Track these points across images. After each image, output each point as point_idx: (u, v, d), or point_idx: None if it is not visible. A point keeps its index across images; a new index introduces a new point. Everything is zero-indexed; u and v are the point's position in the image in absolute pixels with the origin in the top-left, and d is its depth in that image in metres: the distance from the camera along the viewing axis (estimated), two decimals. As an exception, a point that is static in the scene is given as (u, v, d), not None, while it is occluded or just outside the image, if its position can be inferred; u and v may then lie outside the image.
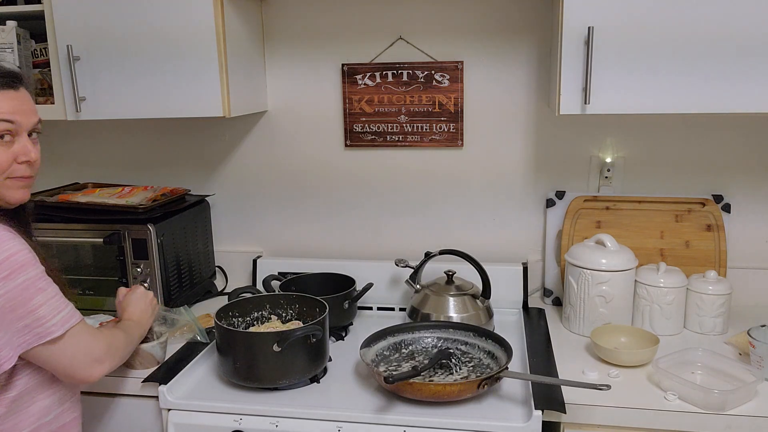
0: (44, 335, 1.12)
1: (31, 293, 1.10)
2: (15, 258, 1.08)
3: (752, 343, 1.44)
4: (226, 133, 2.06)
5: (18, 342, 1.10)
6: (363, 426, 1.35)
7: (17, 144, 1.17)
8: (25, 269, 1.10)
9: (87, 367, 1.20)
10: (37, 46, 1.85)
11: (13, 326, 1.09)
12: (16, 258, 1.08)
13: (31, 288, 1.10)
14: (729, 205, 1.82)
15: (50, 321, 1.13)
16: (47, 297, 1.13)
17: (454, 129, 1.91)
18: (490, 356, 1.52)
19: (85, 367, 1.20)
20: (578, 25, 1.45)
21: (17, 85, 1.17)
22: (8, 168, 1.16)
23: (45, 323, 1.12)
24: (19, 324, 1.09)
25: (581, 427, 1.36)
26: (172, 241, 1.84)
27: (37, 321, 1.11)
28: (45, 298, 1.12)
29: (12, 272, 1.07)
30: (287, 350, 1.40)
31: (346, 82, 1.94)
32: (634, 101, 1.48)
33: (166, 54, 1.65)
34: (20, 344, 1.11)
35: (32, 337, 1.11)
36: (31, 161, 1.19)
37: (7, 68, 1.17)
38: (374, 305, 1.93)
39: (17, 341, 1.10)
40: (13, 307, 1.08)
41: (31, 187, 1.23)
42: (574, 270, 1.69)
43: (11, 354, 1.10)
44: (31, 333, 1.11)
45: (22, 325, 1.10)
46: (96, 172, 2.18)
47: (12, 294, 1.08)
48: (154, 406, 1.49)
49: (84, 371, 1.20)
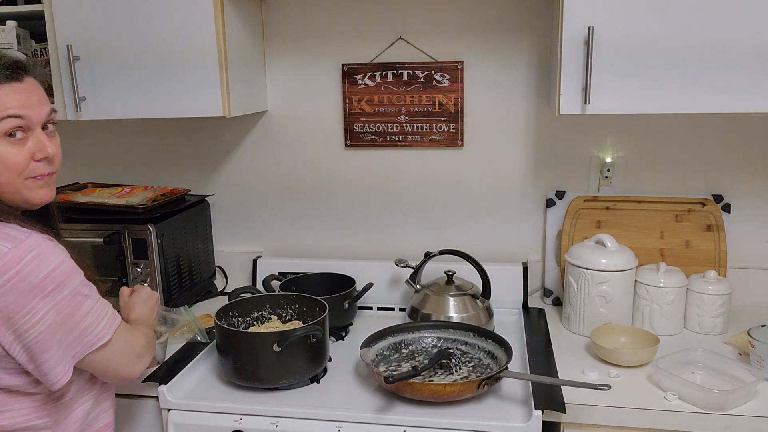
0: (95, 342, 1.09)
1: (78, 302, 1.06)
2: (60, 269, 1.04)
3: (752, 343, 1.44)
4: (226, 133, 2.06)
5: (71, 354, 1.07)
6: (363, 426, 1.35)
7: (31, 140, 1.08)
8: (71, 279, 1.05)
9: (132, 364, 1.18)
10: (37, 46, 1.85)
11: (66, 340, 1.06)
12: (61, 269, 1.04)
13: (78, 297, 1.06)
14: (729, 205, 1.82)
15: (98, 327, 1.10)
16: (92, 303, 1.09)
17: (454, 129, 1.91)
18: (490, 356, 1.52)
19: (130, 364, 1.17)
20: (578, 25, 1.45)
21: (22, 76, 1.07)
22: (26, 168, 1.07)
23: (93, 330, 1.09)
24: (70, 337, 1.06)
25: (581, 427, 1.36)
26: (172, 241, 1.84)
27: (86, 330, 1.08)
28: (90, 305, 1.09)
29: (59, 285, 1.03)
30: (287, 350, 1.40)
31: (346, 82, 1.94)
32: (634, 101, 1.47)
33: (166, 54, 1.65)
34: (73, 356, 1.08)
35: (83, 347, 1.08)
36: (49, 157, 1.10)
37: (11, 56, 1.07)
38: (374, 305, 1.93)
39: (70, 353, 1.07)
40: (63, 321, 1.04)
41: (54, 183, 1.16)
42: (574, 270, 1.69)
43: (67, 368, 1.07)
44: (81, 343, 1.08)
45: (72, 338, 1.07)
46: (96, 172, 2.18)
47: (60, 307, 1.04)
48: (154, 406, 1.49)
49: (129, 368, 1.18)
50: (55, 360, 1.05)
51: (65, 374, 1.07)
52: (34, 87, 1.10)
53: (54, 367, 1.05)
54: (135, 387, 1.49)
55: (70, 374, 1.08)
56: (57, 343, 1.05)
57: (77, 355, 1.08)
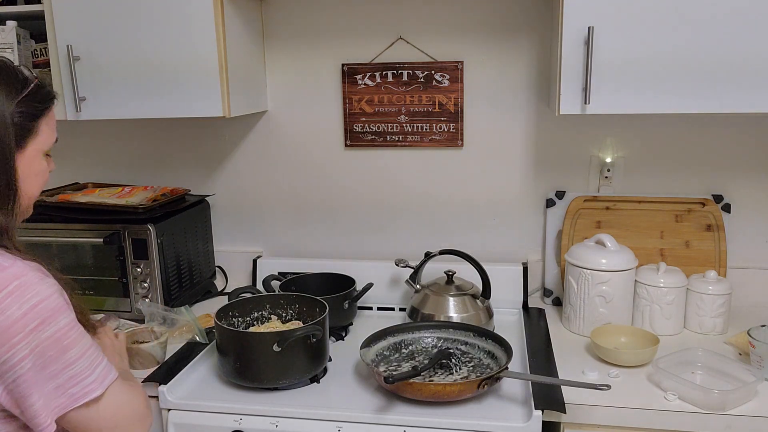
0: (82, 396, 0.96)
1: (65, 346, 0.94)
2: (45, 304, 0.92)
3: (752, 343, 1.44)
4: (226, 133, 2.06)
5: (54, 405, 0.94)
6: (363, 426, 1.35)
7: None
8: (56, 317, 0.93)
9: (132, 427, 1.04)
10: (37, 46, 1.85)
11: (47, 387, 0.93)
12: (45, 304, 0.92)
13: (64, 339, 0.94)
14: (729, 205, 1.82)
15: (88, 378, 0.96)
16: (82, 349, 0.96)
17: (454, 129, 1.91)
18: (490, 356, 1.52)
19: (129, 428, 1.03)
20: (578, 25, 1.45)
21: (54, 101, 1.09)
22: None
23: (82, 380, 0.96)
24: (51, 384, 0.93)
25: (581, 427, 1.36)
26: (172, 241, 1.84)
27: (72, 379, 0.95)
28: (80, 351, 0.96)
29: (42, 322, 0.91)
30: (287, 350, 1.40)
31: (346, 82, 1.94)
32: (634, 101, 1.47)
33: (166, 54, 1.65)
34: (56, 407, 0.94)
35: (68, 399, 0.95)
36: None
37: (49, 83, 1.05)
38: (374, 305, 1.93)
39: (53, 404, 0.94)
40: (44, 364, 0.92)
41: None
42: (574, 270, 1.69)
43: (48, 421, 0.93)
44: (66, 394, 0.95)
45: (55, 386, 0.94)
46: (96, 172, 2.18)
47: (42, 348, 0.91)
48: (154, 406, 1.48)
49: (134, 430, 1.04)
50: (36, 408, 0.93)
51: (47, 427, 0.94)
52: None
53: (35, 416, 0.93)
54: (135, 387, 1.49)
55: (53, 428, 0.94)
56: (38, 391, 0.92)
57: (60, 408, 0.95)
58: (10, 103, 0.96)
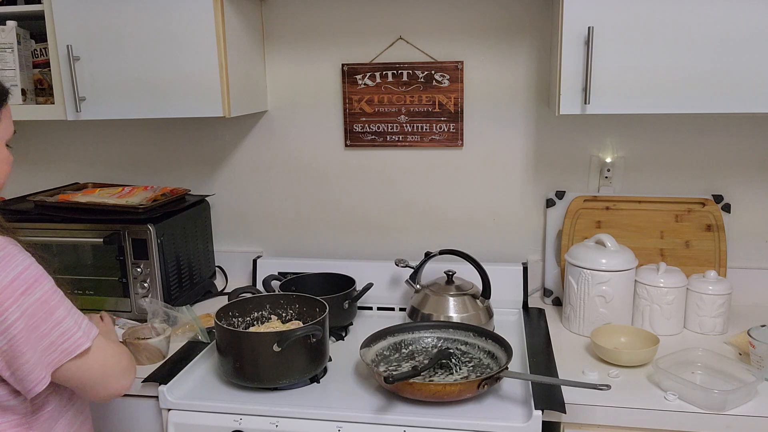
0: (73, 350, 1.06)
1: (51, 307, 1.04)
2: (28, 272, 1.03)
3: (752, 343, 1.44)
4: (226, 133, 2.06)
5: (47, 361, 1.04)
6: (363, 426, 1.35)
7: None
8: (41, 282, 1.04)
9: (119, 377, 1.15)
10: (37, 46, 1.85)
11: (40, 345, 1.03)
12: (30, 271, 1.03)
13: (50, 301, 1.04)
14: (729, 205, 1.82)
15: (75, 334, 1.07)
16: (67, 309, 1.07)
17: (454, 129, 1.91)
18: (490, 356, 1.52)
19: (116, 377, 1.15)
20: (578, 24, 1.45)
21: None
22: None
23: (71, 337, 1.06)
24: (45, 342, 1.03)
25: (581, 427, 1.36)
26: (172, 241, 1.84)
27: (62, 336, 1.05)
28: (65, 311, 1.07)
29: (28, 287, 1.02)
30: (287, 350, 1.40)
31: (346, 82, 1.94)
32: (634, 101, 1.48)
33: (166, 54, 1.65)
34: (50, 363, 1.04)
35: (61, 354, 1.05)
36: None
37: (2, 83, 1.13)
38: (374, 305, 1.93)
39: (46, 360, 1.04)
40: (36, 325, 1.02)
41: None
42: (574, 270, 1.69)
43: (43, 375, 1.04)
44: (58, 350, 1.05)
45: (48, 343, 1.04)
46: (96, 172, 2.18)
47: (32, 310, 1.02)
48: (154, 406, 1.49)
49: (116, 382, 1.15)
50: (30, 365, 1.02)
51: (41, 381, 1.04)
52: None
53: (29, 373, 1.03)
54: (135, 387, 1.49)
55: (47, 381, 1.05)
56: (31, 348, 1.02)
57: (54, 362, 1.05)
58: None
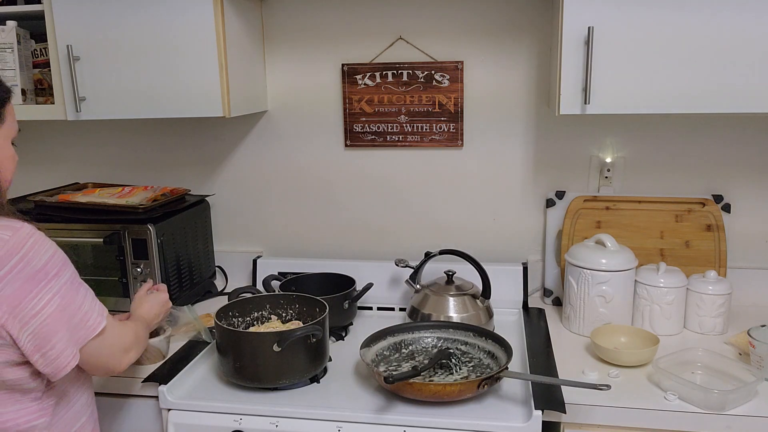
0: (95, 327, 1.13)
1: (76, 288, 1.12)
2: (57, 255, 1.09)
3: (752, 343, 1.44)
4: (226, 133, 2.06)
5: (75, 338, 1.11)
6: (363, 426, 1.35)
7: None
8: (67, 265, 1.11)
9: (119, 356, 1.21)
10: (37, 46, 1.85)
11: (71, 324, 1.10)
12: (57, 255, 1.09)
13: (75, 283, 1.12)
14: (729, 205, 1.82)
15: (94, 314, 1.14)
16: (86, 289, 1.15)
17: (454, 129, 1.91)
18: (490, 356, 1.52)
19: (117, 356, 1.21)
20: (578, 25, 1.45)
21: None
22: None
23: (92, 316, 1.13)
24: (74, 320, 1.10)
25: (581, 427, 1.36)
26: (172, 241, 1.84)
27: (86, 315, 1.12)
28: (85, 292, 1.14)
29: (59, 270, 1.08)
30: (287, 350, 1.40)
31: (346, 82, 1.94)
32: (634, 101, 1.48)
33: (166, 54, 1.65)
34: (77, 340, 1.11)
35: (86, 331, 1.12)
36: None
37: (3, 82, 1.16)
38: (374, 305, 1.93)
39: (75, 338, 1.11)
40: (66, 305, 1.09)
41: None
42: (574, 270, 1.69)
43: (74, 352, 1.10)
44: (83, 328, 1.12)
45: (77, 321, 1.11)
46: (96, 172, 2.18)
47: (63, 291, 1.08)
48: (154, 406, 1.49)
49: (116, 361, 1.21)
50: (63, 344, 1.08)
51: (73, 358, 1.10)
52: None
53: (62, 352, 1.08)
54: (135, 387, 1.49)
55: (77, 359, 1.11)
56: (64, 327, 1.08)
57: (80, 340, 1.11)
58: None
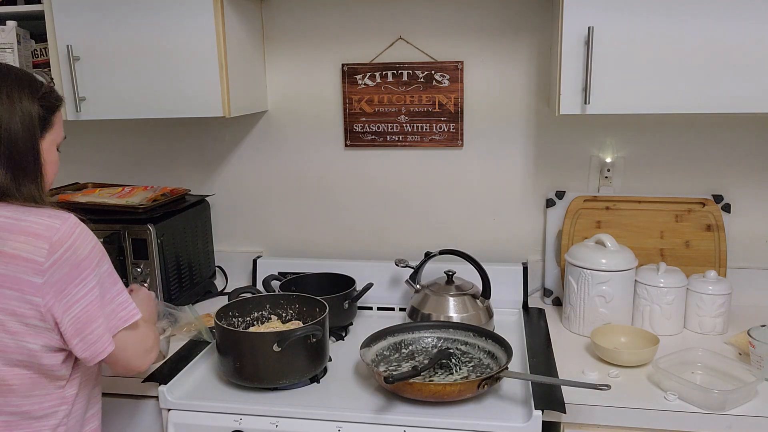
0: (129, 318, 1.16)
1: (114, 278, 1.15)
2: (98, 245, 1.13)
3: (752, 343, 1.44)
4: (226, 133, 2.06)
5: (109, 326, 1.13)
6: (363, 426, 1.35)
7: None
8: (105, 257, 1.15)
9: (143, 355, 1.23)
10: (37, 46, 1.85)
11: (106, 310, 1.13)
12: (99, 245, 1.13)
13: (113, 274, 1.16)
14: (729, 205, 1.82)
15: (130, 305, 1.17)
16: (121, 284, 1.18)
17: (454, 129, 1.91)
18: (490, 356, 1.52)
19: (141, 355, 1.22)
20: (578, 25, 1.45)
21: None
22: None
23: (127, 307, 1.16)
24: (108, 308, 1.13)
25: (581, 427, 1.36)
26: (172, 241, 1.84)
27: (121, 305, 1.15)
28: (122, 285, 1.17)
29: (101, 259, 1.13)
30: (287, 350, 1.40)
31: (346, 82, 1.94)
32: (634, 101, 1.48)
33: (166, 54, 1.65)
34: (111, 328, 1.13)
35: (119, 321, 1.15)
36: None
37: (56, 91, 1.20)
38: (374, 305, 1.93)
39: (109, 325, 1.13)
40: (105, 293, 1.12)
41: None
42: (574, 270, 1.69)
43: (110, 339, 1.13)
44: (117, 317, 1.15)
45: (110, 309, 1.14)
46: (96, 172, 2.18)
47: (104, 279, 1.12)
48: (154, 406, 1.49)
49: (140, 359, 1.22)
50: (101, 329, 1.12)
51: (110, 344, 1.13)
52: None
53: (100, 337, 1.12)
54: (135, 387, 1.49)
55: (113, 345, 1.13)
56: (102, 314, 1.12)
57: (113, 328, 1.14)
58: (34, 99, 1.13)
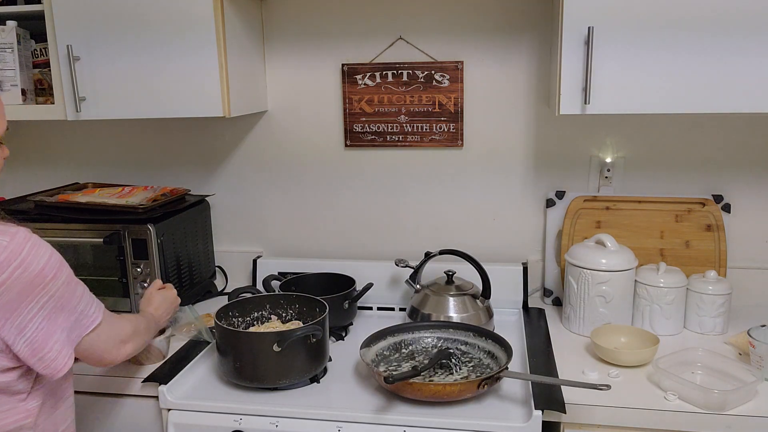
0: (89, 324, 1.16)
1: (73, 288, 1.12)
2: (54, 258, 1.09)
3: (752, 343, 1.44)
4: (226, 133, 2.06)
5: (72, 338, 1.12)
6: (363, 426, 1.35)
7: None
8: (64, 266, 1.11)
9: (115, 348, 1.23)
10: (37, 46, 1.85)
11: (67, 323, 1.11)
12: (54, 258, 1.09)
13: (72, 282, 1.12)
14: (729, 205, 1.82)
15: (91, 309, 1.16)
16: (83, 288, 1.16)
17: (454, 129, 1.91)
18: (490, 356, 1.52)
19: (113, 348, 1.23)
20: (578, 24, 1.45)
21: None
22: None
23: (88, 312, 1.15)
24: (70, 319, 1.12)
25: (581, 427, 1.36)
26: (172, 241, 1.84)
27: (82, 313, 1.14)
28: (82, 290, 1.15)
29: (56, 272, 1.08)
30: (287, 350, 1.40)
31: (346, 82, 1.94)
32: (634, 101, 1.48)
33: (166, 54, 1.65)
34: (73, 339, 1.13)
35: (81, 329, 1.14)
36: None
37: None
38: (374, 305, 1.93)
39: (71, 337, 1.12)
40: (62, 306, 1.10)
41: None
42: (574, 270, 1.69)
43: (70, 352, 1.12)
44: (80, 326, 1.14)
45: (73, 320, 1.12)
46: (96, 172, 2.18)
47: (60, 293, 1.09)
48: (154, 406, 1.49)
49: (112, 353, 1.23)
50: (59, 345, 1.09)
51: (70, 357, 1.11)
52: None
53: (59, 353, 1.09)
54: (135, 387, 1.49)
55: (72, 358, 1.12)
56: (59, 328, 1.09)
57: (76, 338, 1.13)
58: None
